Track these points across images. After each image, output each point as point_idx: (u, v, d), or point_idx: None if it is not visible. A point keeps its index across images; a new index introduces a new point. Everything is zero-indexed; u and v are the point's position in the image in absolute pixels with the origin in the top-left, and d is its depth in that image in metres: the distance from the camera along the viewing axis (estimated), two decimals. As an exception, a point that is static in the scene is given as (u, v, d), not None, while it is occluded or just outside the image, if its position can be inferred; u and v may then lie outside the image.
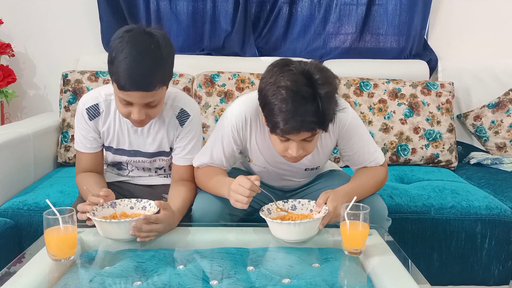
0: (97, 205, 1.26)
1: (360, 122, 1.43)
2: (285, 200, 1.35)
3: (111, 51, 1.23)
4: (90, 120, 1.43)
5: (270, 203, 1.32)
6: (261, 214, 1.25)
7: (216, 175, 1.38)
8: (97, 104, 1.43)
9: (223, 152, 1.41)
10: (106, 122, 1.44)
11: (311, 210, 1.30)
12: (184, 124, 1.44)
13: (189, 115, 1.44)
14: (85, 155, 1.47)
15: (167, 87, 1.33)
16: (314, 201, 1.30)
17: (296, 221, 1.20)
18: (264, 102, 1.20)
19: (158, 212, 1.24)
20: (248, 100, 1.39)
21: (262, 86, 1.21)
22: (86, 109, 1.42)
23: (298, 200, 1.34)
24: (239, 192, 1.21)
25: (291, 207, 1.33)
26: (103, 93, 1.44)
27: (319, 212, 1.25)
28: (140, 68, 1.19)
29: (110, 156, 1.51)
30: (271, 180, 1.53)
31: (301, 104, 1.13)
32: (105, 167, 1.59)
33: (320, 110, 1.14)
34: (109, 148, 1.49)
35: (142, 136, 1.45)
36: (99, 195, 1.26)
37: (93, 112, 1.43)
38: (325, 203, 1.25)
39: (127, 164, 1.53)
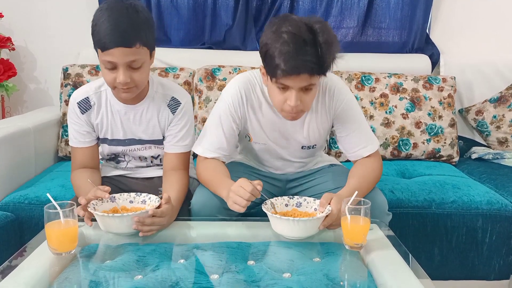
0: (100, 199, 1.26)
1: (357, 105, 1.47)
2: (291, 196, 1.34)
3: (93, 21, 1.29)
4: (82, 113, 1.44)
5: (274, 198, 1.32)
6: (263, 208, 1.25)
7: (217, 174, 1.38)
8: (87, 97, 1.45)
9: (224, 133, 1.42)
10: (99, 114, 1.46)
11: (315, 209, 1.30)
12: (175, 112, 1.47)
13: (180, 103, 1.47)
14: (80, 151, 1.48)
15: (151, 55, 1.36)
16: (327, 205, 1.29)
17: (297, 218, 1.19)
18: (266, 50, 1.24)
19: (159, 206, 1.25)
20: (242, 78, 1.44)
21: (264, 37, 1.26)
22: (77, 103, 1.44)
23: (304, 197, 1.34)
24: (239, 194, 1.21)
25: (296, 203, 1.32)
26: (93, 86, 1.46)
27: (323, 212, 1.25)
28: (119, 25, 1.25)
29: (106, 149, 1.52)
30: (271, 161, 1.54)
31: (301, 46, 1.18)
32: (103, 162, 1.59)
33: (320, 54, 1.19)
34: (104, 140, 1.50)
35: (134, 124, 1.47)
36: (102, 190, 1.26)
37: (85, 106, 1.45)
38: (329, 204, 1.25)
39: (124, 155, 1.54)
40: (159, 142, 1.51)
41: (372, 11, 2.49)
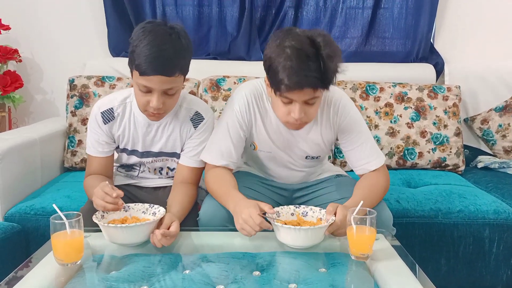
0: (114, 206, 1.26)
1: (362, 119, 1.47)
2: (297, 206, 1.34)
3: (133, 41, 1.28)
4: (105, 124, 1.45)
5: (280, 206, 1.32)
6: (268, 217, 1.25)
7: (225, 184, 1.37)
8: (111, 108, 1.45)
9: (231, 140, 1.42)
10: (121, 125, 1.46)
11: (320, 219, 1.29)
12: (197, 126, 1.47)
13: (204, 118, 1.48)
14: (96, 160, 1.48)
15: (184, 80, 1.37)
16: (325, 209, 1.29)
17: (300, 226, 1.19)
18: (269, 64, 1.26)
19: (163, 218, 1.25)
20: (249, 85, 1.46)
21: (268, 50, 1.27)
22: (101, 112, 1.44)
23: (310, 207, 1.34)
24: (249, 224, 1.20)
25: (302, 213, 1.33)
26: (119, 98, 1.46)
27: (327, 221, 1.25)
28: (162, 53, 1.24)
29: (124, 158, 1.53)
30: (275, 169, 1.54)
31: (304, 61, 1.20)
32: (114, 170, 1.59)
33: (322, 68, 1.20)
34: (124, 150, 1.51)
35: (156, 137, 1.48)
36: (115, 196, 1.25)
37: (108, 116, 1.45)
38: (334, 213, 1.24)
39: (140, 165, 1.55)
40: (178, 156, 1.52)
41: (376, 21, 2.50)
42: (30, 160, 1.88)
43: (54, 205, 1.16)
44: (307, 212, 1.32)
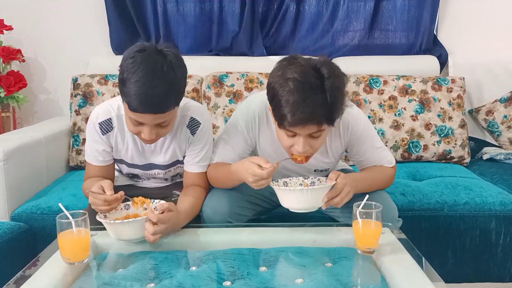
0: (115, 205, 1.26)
1: (371, 127, 1.44)
2: (306, 176, 1.36)
3: (123, 71, 1.20)
4: (103, 134, 1.41)
5: (289, 178, 1.34)
6: (271, 184, 1.25)
7: (224, 169, 1.39)
8: (110, 118, 1.40)
9: (234, 152, 1.42)
10: (119, 138, 1.42)
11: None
12: (195, 133, 1.43)
13: (200, 123, 1.43)
14: (95, 168, 1.45)
15: (178, 107, 1.32)
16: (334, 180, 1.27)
17: (303, 187, 1.21)
18: (272, 95, 1.21)
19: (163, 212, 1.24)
20: (257, 100, 1.41)
21: (271, 80, 1.22)
22: (99, 123, 1.40)
23: (318, 177, 1.34)
24: (261, 178, 1.20)
25: (311, 183, 1.33)
26: (116, 107, 1.41)
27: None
28: (153, 92, 1.17)
29: (125, 169, 1.51)
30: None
31: (308, 95, 1.14)
32: (117, 174, 1.58)
33: (328, 102, 1.15)
34: (122, 161, 1.48)
35: (155, 151, 1.45)
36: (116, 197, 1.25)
37: (106, 127, 1.41)
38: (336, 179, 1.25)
39: (141, 177, 1.54)
40: (180, 163, 1.50)
41: (378, 14, 2.48)
42: (36, 159, 1.89)
43: (60, 204, 1.16)
44: (314, 183, 1.33)
